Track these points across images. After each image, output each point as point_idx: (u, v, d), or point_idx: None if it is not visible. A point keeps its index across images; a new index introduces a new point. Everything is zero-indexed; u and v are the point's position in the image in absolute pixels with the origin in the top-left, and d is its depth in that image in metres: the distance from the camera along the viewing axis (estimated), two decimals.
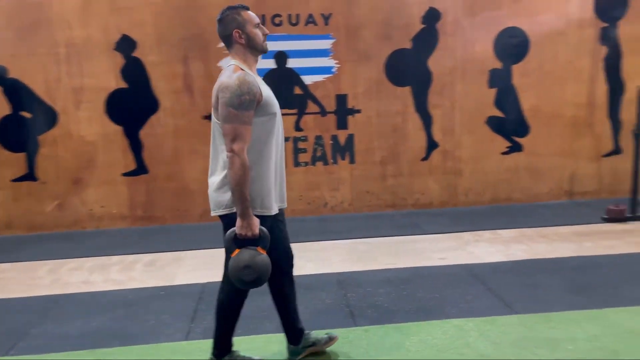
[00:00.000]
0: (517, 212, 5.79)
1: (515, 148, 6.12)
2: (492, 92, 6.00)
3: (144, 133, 5.68)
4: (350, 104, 5.91)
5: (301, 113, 5.88)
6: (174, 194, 5.82)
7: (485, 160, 6.11)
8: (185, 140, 5.73)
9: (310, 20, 5.74)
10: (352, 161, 6.00)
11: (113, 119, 5.63)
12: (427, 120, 6.00)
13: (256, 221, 2.41)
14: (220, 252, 2.64)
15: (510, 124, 6.08)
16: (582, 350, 2.84)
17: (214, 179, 2.51)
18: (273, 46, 5.76)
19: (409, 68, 5.87)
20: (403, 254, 4.53)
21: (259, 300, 3.30)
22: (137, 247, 5.04)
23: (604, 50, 6.00)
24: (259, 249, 2.43)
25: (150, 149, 5.71)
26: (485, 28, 5.87)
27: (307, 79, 5.85)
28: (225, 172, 2.43)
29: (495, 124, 6.06)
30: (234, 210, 2.41)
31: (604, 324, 3.13)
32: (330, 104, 5.90)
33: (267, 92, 2.46)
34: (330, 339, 2.93)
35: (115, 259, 4.70)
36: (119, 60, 5.54)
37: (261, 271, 2.41)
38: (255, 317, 3.35)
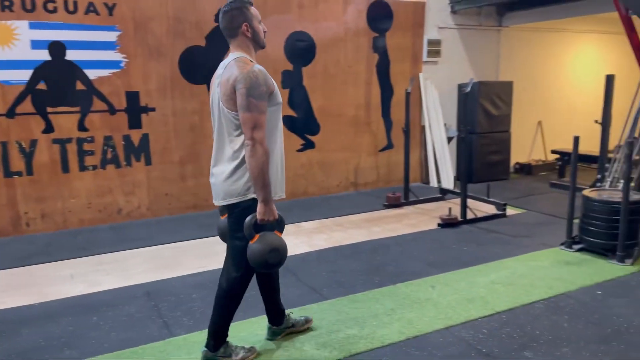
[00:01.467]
0: (314, 205, 6.20)
1: (309, 145, 6.53)
2: (286, 92, 6.29)
3: None
4: (143, 101, 5.54)
5: (85, 111, 5.27)
6: None
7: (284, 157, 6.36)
8: None
9: (91, 9, 5.19)
10: (148, 162, 5.64)
11: None
12: None
13: (274, 206, 2.49)
14: None
15: (303, 123, 6.46)
16: (384, 322, 3.19)
17: (222, 169, 2.56)
18: (46, 35, 5.07)
19: (205, 66, 5.77)
20: (213, 256, 4.44)
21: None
22: None
23: (375, 58, 6.81)
24: (277, 233, 2.55)
25: None
26: (275, 30, 6.11)
27: (91, 74, 5.28)
28: (234, 162, 2.50)
29: (290, 123, 6.36)
30: (247, 197, 2.51)
31: (397, 297, 3.56)
32: (120, 102, 5.43)
33: (274, 82, 2.54)
34: (307, 321, 3.10)
35: None
36: None
37: (284, 253, 2.55)
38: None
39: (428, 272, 3.99)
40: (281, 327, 3.01)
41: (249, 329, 3.15)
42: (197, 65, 5.73)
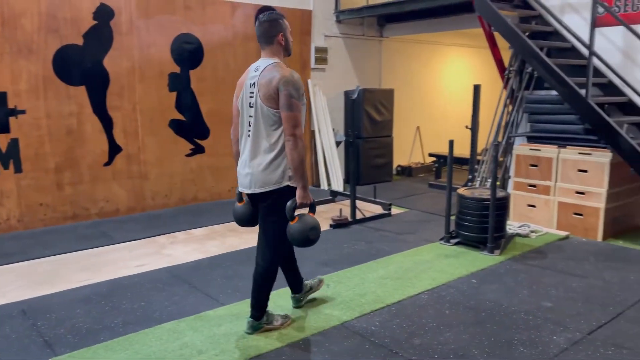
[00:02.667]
0: (204, 211, 6.07)
1: (198, 150, 6.38)
2: (173, 95, 6.10)
3: None
4: (12, 103, 5.04)
5: None
6: None
7: (170, 162, 6.16)
8: None
9: None
10: (18, 170, 5.14)
11: None
12: (107, 123, 5.65)
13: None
14: None
15: (191, 127, 6.30)
16: None
17: (259, 161, 2.86)
18: None
19: (83, 66, 5.40)
20: (97, 268, 4.17)
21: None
22: None
23: None
24: (310, 214, 2.91)
25: None
26: (161, 31, 5.91)
27: None
28: (272, 154, 2.83)
29: (177, 127, 6.18)
30: (282, 185, 2.85)
31: (287, 298, 3.62)
32: None
33: None
34: (320, 282, 3.58)
35: None
36: None
37: (320, 230, 2.92)
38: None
39: (322, 271, 4.11)
40: (303, 293, 3.43)
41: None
42: (74, 65, 5.35)
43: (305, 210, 2.92)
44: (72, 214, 5.50)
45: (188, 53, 6.16)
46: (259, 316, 3.10)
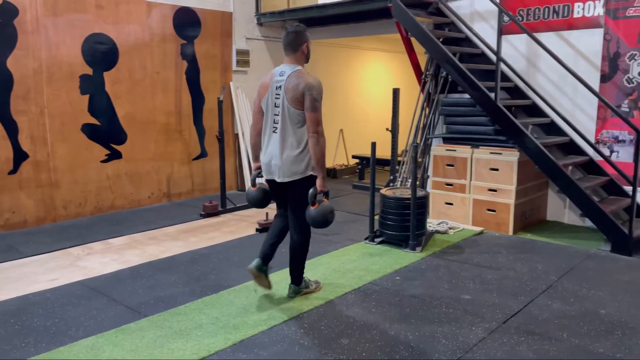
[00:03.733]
0: (123, 219, 5.79)
1: (115, 155, 6.09)
2: (85, 98, 5.77)
3: None
4: None
5: None
6: None
7: (84, 169, 5.83)
8: None
9: None
10: None
11: None
12: (11, 128, 5.24)
13: None
14: None
15: (107, 131, 6.00)
16: (209, 332, 3.15)
17: (288, 154, 3.34)
18: None
19: None
20: (3, 284, 3.85)
21: None
22: None
23: (185, 65, 6.68)
24: (325, 200, 3.35)
25: None
26: (71, 31, 5.58)
27: None
28: (298, 149, 3.32)
29: (91, 132, 5.85)
30: (306, 175, 3.35)
31: (221, 305, 3.55)
32: None
33: None
34: (317, 283, 3.81)
35: None
36: None
37: (334, 214, 3.38)
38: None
39: (250, 277, 4.05)
40: (300, 286, 3.67)
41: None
42: None
43: (321, 197, 3.35)
44: None
45: (101, 54, 5.86)
46: (299, 282, 3.65)
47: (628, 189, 4.92)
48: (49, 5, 5.40)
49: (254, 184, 3.61)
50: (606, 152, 5.31)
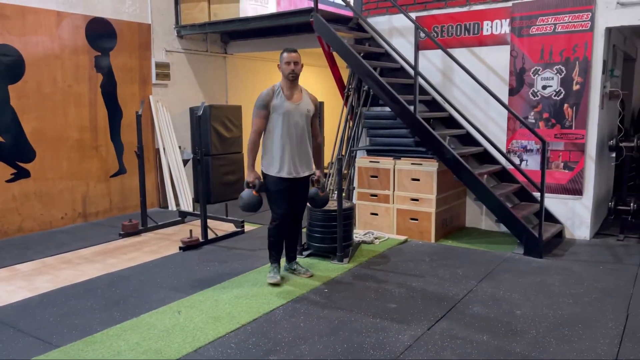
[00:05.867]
0: (33, 243, 5.38)
1: (22, 174, 5.65)
2: None
3: None
4: None
5: None
6: None
7: None
8: None
9: None
10: None
11: None
12: None
13: None
14: None
15: (12, 149, 5.56)
16: (128, 357, 2.97)
17: (311, 154, 4.22)
18: None
19: None
20: None
21: None
22: None
23: (100, 78, 6.36)
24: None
25: None
26: None
27: None
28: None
29: None
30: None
31: (142, 329, 3.36)
32: None
33: None
34: (307, 271, 4.41)
35: None
36: None
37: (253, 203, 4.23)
38: None
39: (173, 297, 3.89)
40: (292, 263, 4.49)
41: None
42: None
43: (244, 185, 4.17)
44: None
45: (5, 66, 5.44)
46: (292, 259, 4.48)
47: (537, 194, 5.25)
48: None
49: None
50: (516, 160, 5.65)
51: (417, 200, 5.47)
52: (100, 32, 6.32)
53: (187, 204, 6.96)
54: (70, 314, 3.62)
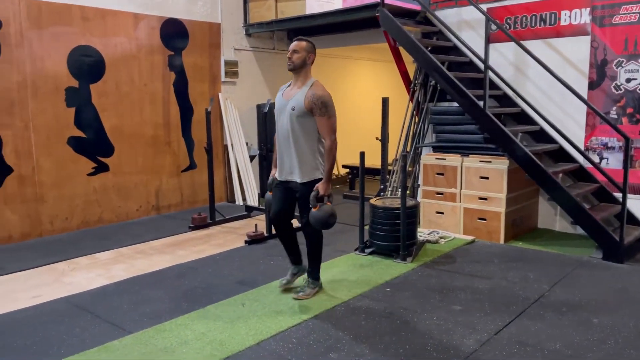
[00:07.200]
0: (110, 233, 5.70)
1: (102, 168, 6.01)
2: (72, 111, 5.70)
3: None
4: None
5: None
6: None
7: (70, 183, 5.74)
8: None
9: None
10: None
11: None
12: None
13: None
14: None
15: (93, 144, 5.92)
16: (195, 348, 3.07)
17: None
18: None
19: None
20: None
21: None
22: None
23: (173, 76, 6.63)
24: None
25: None
26: (56, 43, 5.52)
27: None
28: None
29: (77, 145, 5.78)
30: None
31: (207, 320, 3.47)
32: None
33: None
34: (302, 291, 3.86)
35: None
36: None
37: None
38: None
39: (238, 290, 3.99)
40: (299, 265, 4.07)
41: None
42: None
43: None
44: None
45: (87, 66, 5.80)
46: (318, 277, 3.94)
47: (618, 195, 4.90)
48: (33, 18, 5.35)
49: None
50: (596, 159, 5.30)
51: (485, 199, 5.27)
52: (173, 33, 6.58)
53: (253, 199, 7.11)
54: (142, 302, 3.80)
